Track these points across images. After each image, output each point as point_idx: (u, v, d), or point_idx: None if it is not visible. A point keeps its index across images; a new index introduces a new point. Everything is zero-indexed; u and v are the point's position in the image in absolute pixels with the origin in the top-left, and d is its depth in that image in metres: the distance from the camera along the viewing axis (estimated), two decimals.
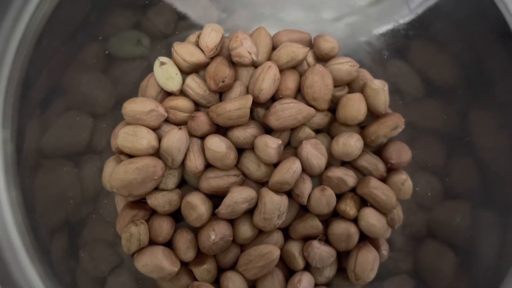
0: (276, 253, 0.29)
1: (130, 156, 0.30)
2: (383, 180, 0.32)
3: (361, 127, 0.33)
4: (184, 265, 0.31)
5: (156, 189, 0.31)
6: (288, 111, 0.31)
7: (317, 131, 0.34)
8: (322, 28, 0.35)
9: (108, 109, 0.32)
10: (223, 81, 0.31)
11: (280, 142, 0.30)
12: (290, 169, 0.29)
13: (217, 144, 0.30)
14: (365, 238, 0.32)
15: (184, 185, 0.32)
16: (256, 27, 0.34)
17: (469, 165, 0.31)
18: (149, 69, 0.33)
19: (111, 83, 0.33)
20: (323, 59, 0.34)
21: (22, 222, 0.24)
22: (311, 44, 0.35)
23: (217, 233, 0.29)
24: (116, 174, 0.29)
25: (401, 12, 0.32)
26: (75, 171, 0.30)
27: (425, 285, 0.30)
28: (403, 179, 0.32)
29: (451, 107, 0.32)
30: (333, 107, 0.33)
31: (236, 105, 0.30)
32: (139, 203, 0.31)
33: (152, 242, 0.30)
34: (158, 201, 0.30)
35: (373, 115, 0.33)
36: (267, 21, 0.36)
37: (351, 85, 0.34)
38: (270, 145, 0.30)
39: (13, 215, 0.24)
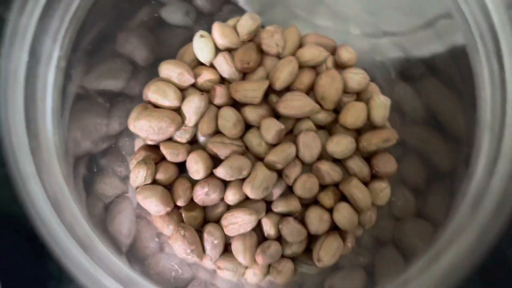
0: (254, 217, 0.33)
1: (156, 107, 0.35)
2: (366, 183, 0.36)
3: (359, 133, 0.37)
4: (177, 208, 0.35)
5: (170, 139, 0.35)
6: (296, 102, 0.35)
7: (321, 127, 0.37)
8: (347, 39, 0.38)
9: (148, 64, 0.37)
10: (248, 63, 0.35)
11: (283, 127, 0.34)
12: (285, 151, 0.33)
13: (229, 115, 0.34)
14: (336, 228, 0.35)
15: (194, 143, 0.36)
16: (291, 25, 0.38)
17: (442, 193, 0.34)
18: (190, 39, 0.37)
19: (155, 42, 0.37)
20: (341, 66, 0.38)
21: (61, 143, 0.29)
22: (334, 51, 0.38)
23: (210, 187, 0.33)
24: (140, 118, 0.33)
25: (415, 47, 0.35)
26: (107, 106, 0.35)
27: (374, 280, 0.34)
28: (382, 186, 0.35)
29: (443, 137, 0.35)
30: (339, 109, 0.37)
31: (253, 85, 0.34)
32: (153, 147, 0.35)
33: (155, 182, 0.34)
34: (169, 150, 0.34)
35: (372, 125, 0.36)
36: (302, 22, 0.40)
37: (359, 94, 0.38)
38: (273, 127, 0.34)
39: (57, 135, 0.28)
